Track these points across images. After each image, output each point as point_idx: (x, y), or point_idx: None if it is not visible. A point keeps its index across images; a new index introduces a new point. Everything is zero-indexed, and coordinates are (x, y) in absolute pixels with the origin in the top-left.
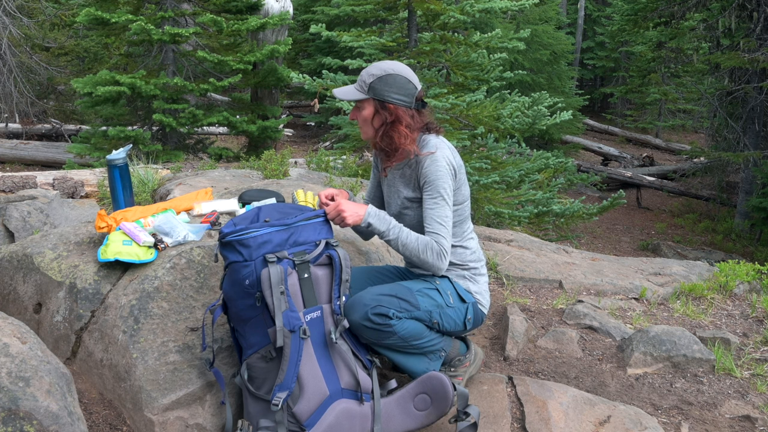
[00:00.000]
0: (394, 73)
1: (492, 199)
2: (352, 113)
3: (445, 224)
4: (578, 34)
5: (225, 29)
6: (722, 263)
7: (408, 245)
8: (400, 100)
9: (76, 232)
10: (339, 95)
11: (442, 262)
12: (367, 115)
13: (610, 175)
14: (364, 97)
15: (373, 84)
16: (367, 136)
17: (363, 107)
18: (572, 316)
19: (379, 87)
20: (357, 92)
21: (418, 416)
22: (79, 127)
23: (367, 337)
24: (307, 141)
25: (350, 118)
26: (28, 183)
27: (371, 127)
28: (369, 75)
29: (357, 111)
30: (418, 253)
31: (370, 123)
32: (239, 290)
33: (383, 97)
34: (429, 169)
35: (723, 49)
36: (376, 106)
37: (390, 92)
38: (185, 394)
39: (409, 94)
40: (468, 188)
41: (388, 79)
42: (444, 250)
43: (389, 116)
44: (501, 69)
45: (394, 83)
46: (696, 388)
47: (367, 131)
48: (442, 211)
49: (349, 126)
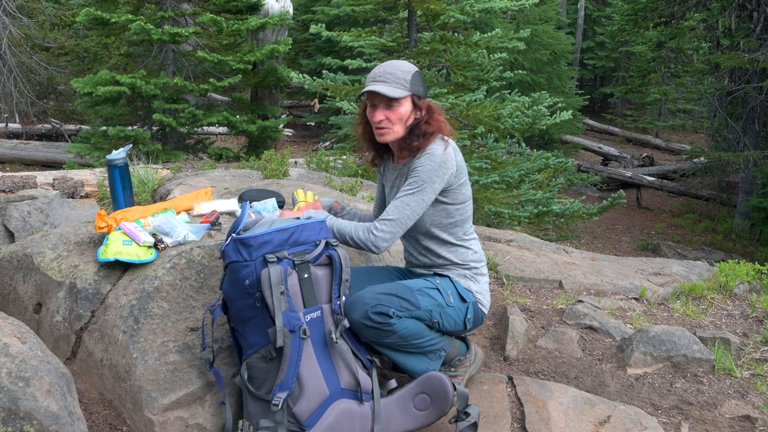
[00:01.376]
0: (417, 69)
1: (492, 199)
2: (380, 114)
3: (401, 209)
4: (578, 34)
5: (225, 29)
6: (722, 263)
7: (343, 230)
8: (425, 95)
9: (76, 232)
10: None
11: (372, 236)
12: (405, 112)
13: (610, 175)
14: (407, 93)
15: (411, 80)
16: (397, 136)
17: (400, 105)
18: (572, 316)
19: (415, 83)
20: (399, 90)
21: (418, 416)
22: (79, 127)
23: (367, 336)
24: (307, 141)
25: (375, 119)
26: (28, 183)
27: (403, 126)
28: (405, 72)
29: (388, 111)
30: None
31: (404, 121)
32: (239, 290)
33: (419, 93)
34: (421, 160)
35: (723, 49)
36: (414, 101)
37: (422, 88)
38: (185, 394)
39: (427, 88)
40: (470, 188)
41: (417, 75)
42: (381, 227)
43: (424, 110)
44: (501, 69)
45: (421, 80)
46: (696, 388)
47: (398, 131)
48: (408, 198)
49: (349, 126)
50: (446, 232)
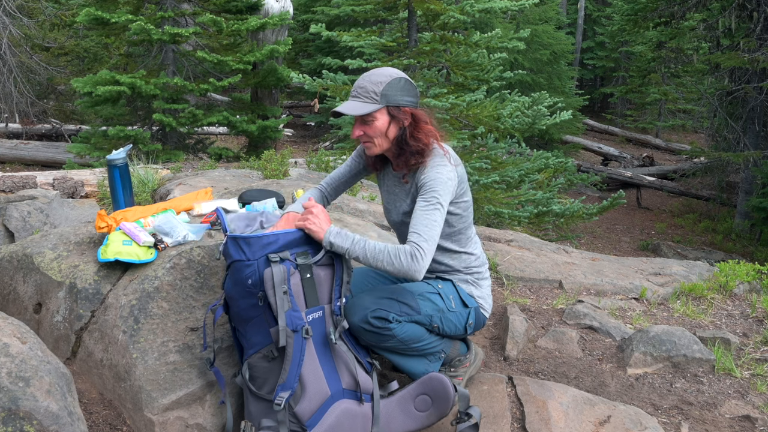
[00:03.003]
0: (397, 76)
1: (492, 199)
2: (357, 129)
3: (431, 228)
4: (578, 34)
5: (225, 29)
6: (722, 263)
7: (377, 255)
8: (411, 102)
9: (76, 232)
10: (346, 111)
11: (417, 264)
12: (381, 125)
13: (610, 175)
14: (378, 107)
15: (383, 91)
16: (382, 149)
17: (374, 119)
18: (572, 316)
19: (390, 93)
20: (367, 104)
21: (418, 417)
22: (79, 127)
23: (367, 340)
24: (307, 141)
25: (354, 136)
26: (28, 183)
27: (386, 139)
28: (375, 84)
29: (365, 126)
30: (391, 260)
31: (384, 134)
32: (241, 290)
33: (397, 102)
34: (429, 174)
35: (723, 49)
36: (391, 112)
37: (401, 96)
38: (185, 394)
39: (415, 94)
40: (470, 194)
41: (394, 83)
42: (421, 251)
43: (406, 119)
44: (501, 69)
45: (402, 86)
46: (696, 388)
47: (381, 143)
48: (432, 215)
49: (348, 126)
50: (449, 240)
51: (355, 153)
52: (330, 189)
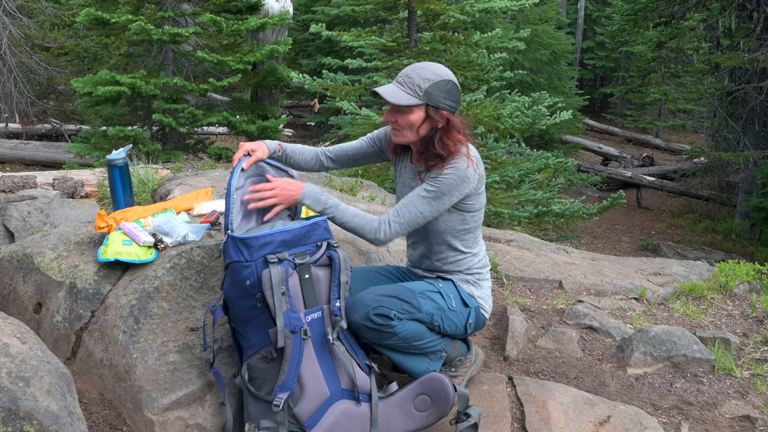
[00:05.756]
0: (447, 78)
1: (492, 199)
2: (390, 115)
3: (413, 214)
4: (578, 34)
5: (225, 29)
6: (722, 263)
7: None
8: (451, 107)
9: (76, 232)
10: (386, 96)
11: (378, 237)
12: (415, 120)
13: (610, 175)
14: (418, 102)
15: (428, 89)
16: (408, 141)
17: (411, 112)
18: (572, 316)
19: (434, 92)
20: (409, 96)
21: (418, 417)
22: (79, 127)
23: (368, 338)
24: (307, 141)
25: (386, 119)
26: (28, 183)
27: (415, 134)
28: (423, 79)
29: (399, 114)
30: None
31: (416, 129)
32: (240, 291)
33: (437, 104)
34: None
35: (723, 49)
36: (428, 112)
37: (444, 98)
38: (185, 394)
39: (457, 101)
40: (485, 197)
41: (442, 84)
42: (390, 230)
43: (441, 122)
44: (501, 69)
45: (447, 90)
46: (696, 388)
47: (409, 136)
48: (421, 205)
49: (349, 126)
50: (458, 239)
51: (371, 136)
52: (332, 153)
